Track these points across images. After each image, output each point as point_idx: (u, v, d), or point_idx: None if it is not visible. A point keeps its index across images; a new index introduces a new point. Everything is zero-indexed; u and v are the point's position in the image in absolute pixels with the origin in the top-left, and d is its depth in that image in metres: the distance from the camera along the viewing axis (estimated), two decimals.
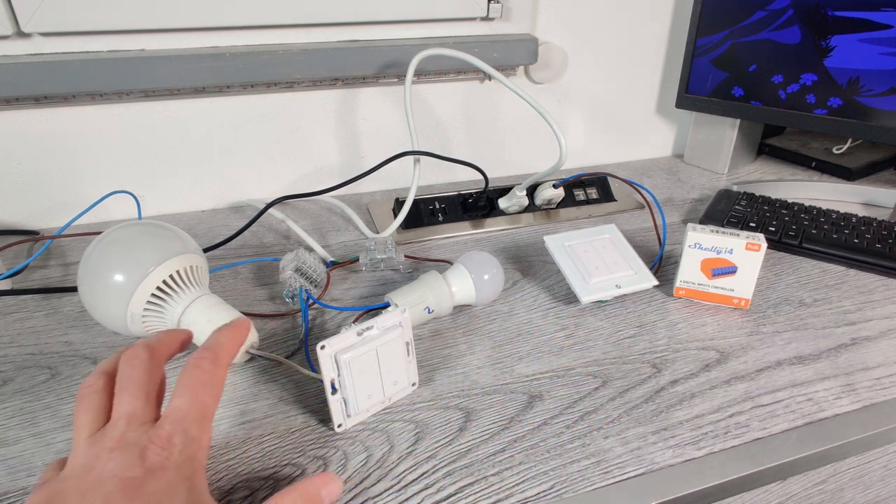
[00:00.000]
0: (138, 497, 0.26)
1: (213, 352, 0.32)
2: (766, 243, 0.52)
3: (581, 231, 0.59)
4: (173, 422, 0.29)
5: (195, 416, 0.29)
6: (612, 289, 0.54)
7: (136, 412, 0.29)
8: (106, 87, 0.63)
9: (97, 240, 0.46)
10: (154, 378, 0.31)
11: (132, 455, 0.27)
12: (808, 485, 0.52)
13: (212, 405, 0.30)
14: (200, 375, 0.30)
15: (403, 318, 0.42)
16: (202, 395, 0.30)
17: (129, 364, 0.31)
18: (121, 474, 0.26)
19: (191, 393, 0.30)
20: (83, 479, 0.26)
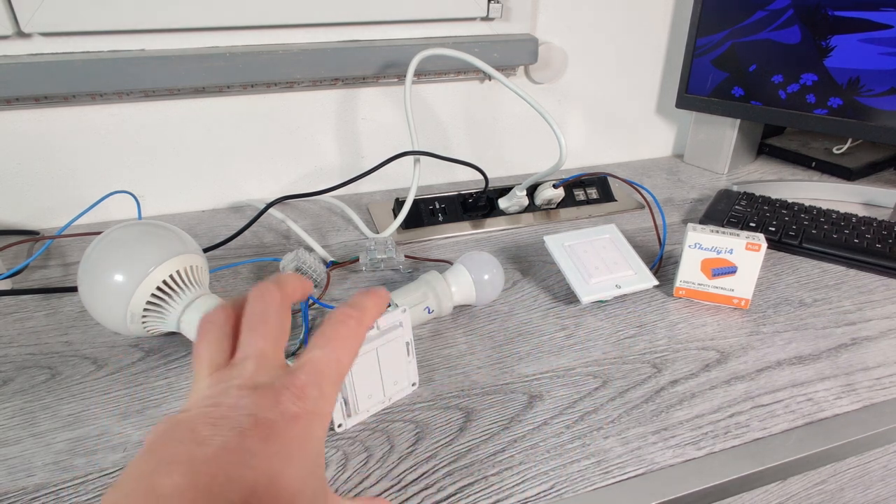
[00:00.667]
0: (274, 441, 0.23)
1: (360, 311, 0.29)
2: (766, 243, 0.52)
3: (581, 231, 0.59)
4: (309, 373, 0.26)
5: (333, 373, 0.26)
6: (612, 289, 0.54)
7: (266, 353, 0.27)
8: (106, 87, 0.63)
9: (97, 240, 0.46)
10: (284, 320, 0.28)
11: (267, 397, 0.24)
12: (808, 485, 0.52)
13: (348, 366, 0.27)
14: (345, 331, 0.27)
15: (403, 318, 0.42)
16: (342, 353, 0.27)
17: (261, 300, 0.28)
18: (256, 413, 0.23)
19: (332, 347, 0.27)
20: (213, 411, 0.24)
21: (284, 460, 0.23)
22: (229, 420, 0.23)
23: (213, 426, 0.23)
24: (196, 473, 0.21)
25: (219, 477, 0.21)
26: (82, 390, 0.45)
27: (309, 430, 0.24)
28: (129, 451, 0.40)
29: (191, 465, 0.22)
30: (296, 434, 0.24)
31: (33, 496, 0.37)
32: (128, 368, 0.48)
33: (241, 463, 0.22)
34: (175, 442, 0.23)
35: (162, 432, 0.24)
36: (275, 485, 0.22)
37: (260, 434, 0.23)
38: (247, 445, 0.22)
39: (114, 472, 0.38)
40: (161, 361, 0.48)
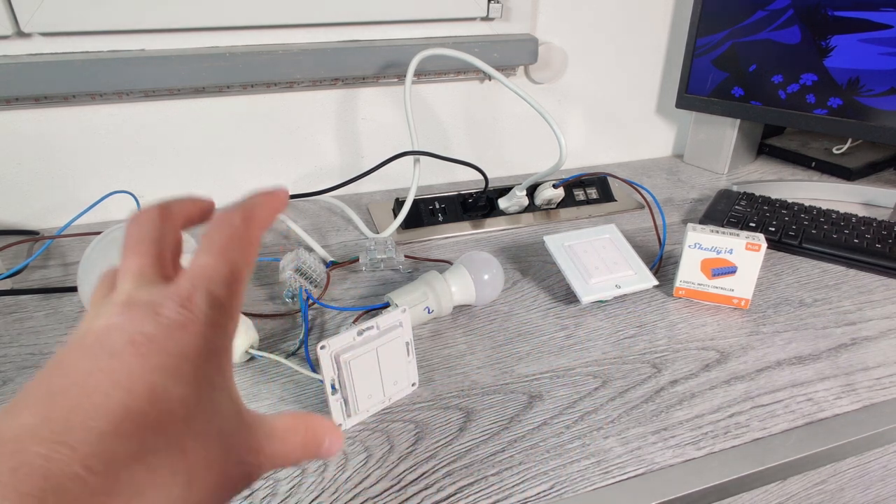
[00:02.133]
0: (153, 354, 0.19)
1: (246, 209, 0.25)
2: (766, 243, 0.52)
3: (581, 231, 0.59)
4: (194, 278, 0.22)
5: (222, 276, 0.22)
6: (611, 289, 0.54)
7: (143, 270, 0.23)
8: (106, 87, 0.63)
9: (97, 240, 0.46)
10: (166, 237, 0.25)
11: (143, 312, 0.21)
12: (808, 485, 0.52)
13: (243, 267, 0.24)
14: (230, 231, 0.24)
15: (403, 318, 0.42)
16: (231, 253, 0.23)
17: (136, 223, 0.25)
18: (130, 329, 0.20)
19: (217, 250, 0.23)
20: (81, 340, 0.20)
21: (168, 374, 0.19)
22: (100, 344, 0.20)
23: (82, 356, 0.20)
24: (49, 408, 0.18)
25: (80, 406, 0.18)
26: None
27: (201, 339, 0.21)
28: None
29: (43, 400, 0.18)
30: (182, 344, 0.20)
31: None
32: None
33: (110, 384, 0.18)
34: (35, 384, 0.19)
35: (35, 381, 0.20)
36: (157, 401, 0.19)
37: (137, 351, 0.19)
38: (115, 366, 0.19)
39: None
40: None
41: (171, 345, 0.20)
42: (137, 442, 0.18)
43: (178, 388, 0.19)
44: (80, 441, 0.17)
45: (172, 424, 0.19)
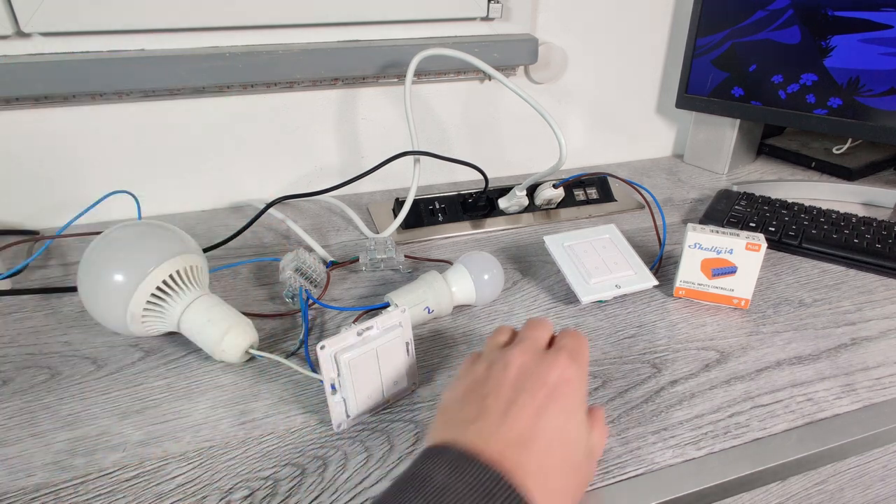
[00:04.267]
0: (561, 399, 0.32)
1: (578, 333, 0.38)
2: (766, 243, 0.52)
3: (581, 231, 0.59)
4: (569, 352, 0.35)
5: (583, 353, 0.36)
6: (611, 289, 0.54)
7: (540, 339, 0.37)
8: (106, 87, 0.63)
9: (97, 240, 0.46)
10: (549, 333, 0.39)
11: (548, 362, 0.34)
12: (808, 485, 0.52)
13: (587, 357, 0.37)
14: (582, 340, 0.37)
15: (403, 318, 0.42)
16: (582, 345, 0.37)
17: (541, 321, 0.39)
18: (542, 377, 0.33)
19: (579, 343, 0.37)
20: (509, 368, 0.34)
21: (567, 414, 0.32)
22: (527, 378, 0.33)
23: (515, 385, 0.33)
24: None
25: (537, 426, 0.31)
26: (82, 390, 0.45)
27: (578, 390, 0.33)
28: (129, 450, 0.40)
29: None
30: (570, 391, 0.33)
31: (33, 496, 0.37)
32: (128, 368, 0.48)
33: (538, 416, 0.31)
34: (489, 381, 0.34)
35: (480, 374, 0.35)
36: (567, 426, 0.32)
37: (549, 391, 0.32)
38: (541, 397, 0.32)
39: (113, 471, 0.38)
40: (161, 361, 0.48)
41: (564, 392, 0.33)
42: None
43: (571, 423, 0.32)
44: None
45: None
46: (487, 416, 0.31)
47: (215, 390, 0.45)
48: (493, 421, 0.31)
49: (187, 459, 0.39)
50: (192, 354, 0.49)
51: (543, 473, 0.29)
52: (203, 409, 0.43)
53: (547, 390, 0.32)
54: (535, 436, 0.30)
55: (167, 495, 0.37)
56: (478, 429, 0.30)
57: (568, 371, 0.34)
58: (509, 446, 0.29)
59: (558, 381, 0.33)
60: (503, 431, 0.30)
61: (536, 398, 0.32)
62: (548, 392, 0.32)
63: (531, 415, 0.31)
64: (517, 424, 0.30)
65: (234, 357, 0.46)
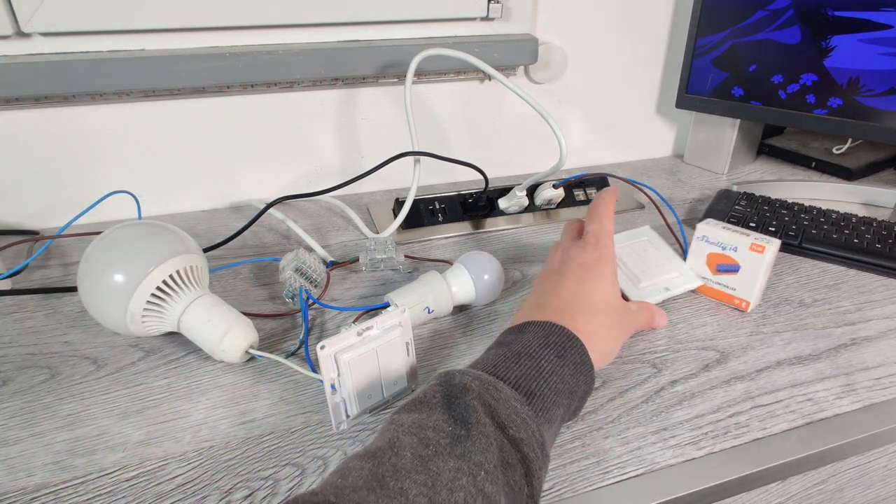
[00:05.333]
0: (589, 272, 0.45)
1: (603, 198, 0.50)
2: (774, 247, 0.51)
3: (620, 235, 0.58)
4: (593, 236, 0.47)
5: (606, 230, 0.47)
6: (661, 292, 0.54)
7: (571, 233, 0.51)
8: (106, 87, 0.63)
9: (97, 240, 0.46)
10: (611, 214, 0.49)
11: (578, 250, 0.46)
12: (808, 485, 0.52)
13: (611, 228, 0.48)
14: (599, 209, 0.49)
15: (403, 318, 0.42)
16: (603, 220, 0.48)
17: (598, 202, 0.50)
18: (576, 259, 0.46)
19: (600, 221, 0.48)
20: (554, 259, 0.49)
21: (599, 280, 0.44)
22: (565, 263, 0.46)
23: (558, 270, 0.46)
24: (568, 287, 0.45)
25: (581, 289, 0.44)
26: (82, 390, 0.45)
27: (604, 264, 0.45)
28: (129, 450, 0.40)
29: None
30: (599, 267, 0.45)
31: (33, 496, 0.37)
32: (128, 368, 0.48)
33: (581, 283, 0.44)
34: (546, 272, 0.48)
35: (547, 268, 0.48)
36: (598, 294, 0.44)
37: (582, 270, 0.45)
38: (580, 274, 0.45)
39: (113, 471, 0.38)
40: (161, 361, 0.48)
41: (597, 268, 0.45)
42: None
43: (603, 286, 0.45)
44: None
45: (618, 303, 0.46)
46: (544, 295, 0.45)
47: (215, 390, 0.45)
48: (549, 297, 0.44)
49: (187, 459, 0.39)
50: (192, 354, 0.49)
51: (586, 327, 0.41)
52: (203, 409, 0.43)
53: (579, 269, 0.45)
54: (577, 301, 0.43)
55: (167, 495, 0.37)
56: (539, 306, 0.44)
57: (595, 252, 0.45)
58: (560, 310, 0.42)
59: (589, 261, 0.45)
60: (555, 301, 0.43)
61: (575, 275, 0.45)
62: (579, 270, 0.45)
63: (573, 287, 0.44)
64: (563, 295, 0.44)
65: (234, 357, 0.46)
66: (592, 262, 0.45)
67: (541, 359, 0.37)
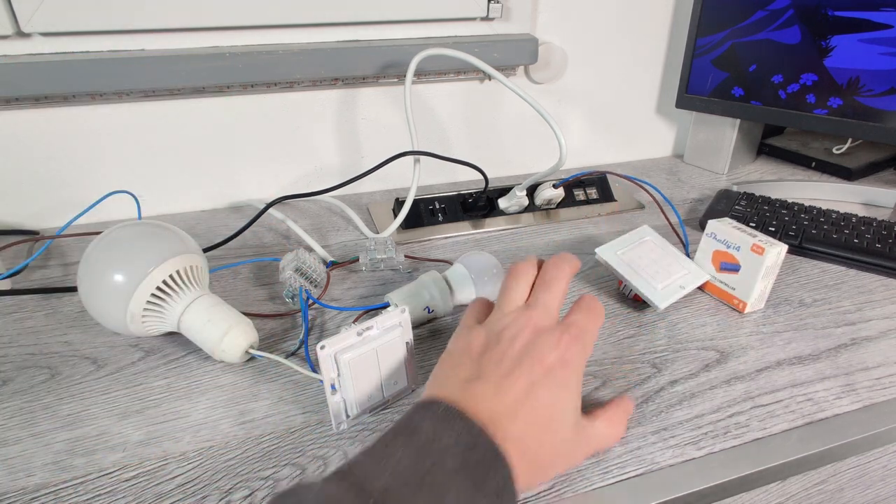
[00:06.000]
0: (552, 380, 0.34)
1: (595, 304, 0.39)
2: (776, 250, 0.51)
3: (622, 238, 0.58)
4: (577, 330, 0.36)
5: (589, 337, 0.37)
6: (678, 290, 0.54)
7: (551, 306, 0.37)
8: (106, 87, 0.63)
9: (97, 240, 0.46)
10: (566, 288, 0.39)
11: (549, 342, 0.35)
12: (808, 485, 0.52)
13: (595, 336, 0.38)
14: (592, 305, 0.39)
15: (403, 318, 0.42)
16: (594, 322, 0.38)
17: (557, 268, 0.39)
18: (540, 355, 0.34)
19: (587, 316, 0.37)
20: (515, 340, 0.35)
21: (563, 390, 0.34)
22: (527, 355, 0.34)
23: (516, 358, 0.34)
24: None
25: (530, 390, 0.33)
26: (82, 390, 0.45)
27: (575, 372, 0.35)
28: (129, 450, 0.40)
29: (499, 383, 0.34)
30: (568, 375, 0.35)
31: (33, 496, 0.37)
32: (128, 368, 0.48)
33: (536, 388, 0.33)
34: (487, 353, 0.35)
35: (480, 343, 0.36)
36: (555, 409, 0.34)
37: (547, 371, 0.34)
38: (537, 375, 0.34)
39: (113, 471, 0.38)
40: (161, 361, 0.48)
41: (561, 373, 0.35)
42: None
43: (564, 396, 0.35)
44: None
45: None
46: (485, 381, 0.34)
47: (215, 390, 0.45)
48: (489, 388, 0.33)
49: (187, 459, 0.39)
50: (192, 354, 0.49)
51: (524, 442, 0.32)
52: (203, 409, 0.43)
53: (543, 369, 0.34)
54: (524, 408, 0.33)
55: (167, 495, 0.37)
56: (473, 390, 0.33)
57: (569, 353, 0.35)
58: (497, 412, 0.32)
59: (556, 363, 0.34)
60: (495, 399, 0.33)
61: (532, 374, 0.34)
62: (544, 371, 0.34)
63: (523, 388, 0.33)
64: (509, 395, 0.33)
65: (234, 357, 0.46)
66: (560, 366, 0.34)
67: (447, 490, 0.28)
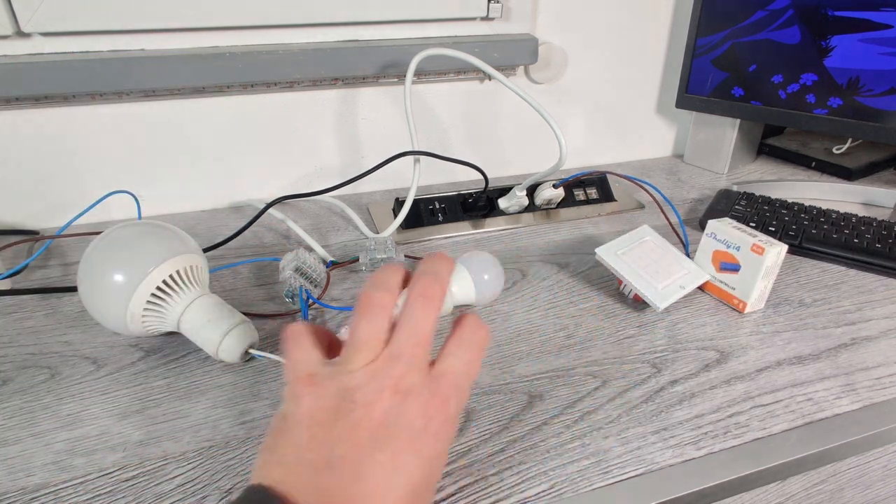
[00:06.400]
0: (422, 454, 0.27)
1: (478, 333, 0.32)
2: (776, 250, 0.51)
3: (623, 238, 0.58)
4: (450, 385, 0.29)
5: (467, 382, 0.30)
6: (678, 290, 0.54)
7: (417, 359, 0.29)
8: (106, 87, 0.63)
9: (97, 240, 0.46)
10: (434, 327, 0.31)
11: (416, 407, 0.28)
12: (808, 485, 0.52)
13: (476, 372, 0.31)
14: (473, 337, 0.31)
15: None
16: (474, 359, 0.31)
17: (423, 303, 0.30)
18: (407, 426, 0.27)
19: (466, 354, 0.30)
20: (373, 408, 0.27)
21: (435, 461, 0.28)
22: (388, 431, 0.27)
23: (372, 436, 0.27)
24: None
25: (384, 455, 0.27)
26: (82, 390, 0.45)
27: (447, 438, 0.29)
28: (129, 450, 0.40)
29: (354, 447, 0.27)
30: (439, 448, 0.28)
31: (33, 496, 0.37)
32: (127, 368, 0.48)
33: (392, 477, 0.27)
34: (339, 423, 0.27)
35: (328, 408, 0.28)
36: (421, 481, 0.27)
37: (413, 449, 0.27)
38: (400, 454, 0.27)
39: (113, 471, 0.38)
40: (161, 361, 0.48)
41: (432, 447, 0.28)
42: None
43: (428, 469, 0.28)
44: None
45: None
46: (340, 467, 0.26)
47: (215, 390, 0.45)
48: (345, 479, 0.26)
49: (187, 459, 0.39)
50: (192, 354, 0.49)
51: None
52: (203, 409, 0.43)
53: (409, 443, 0.27)
54: (387, 499, 0.26)
55: (167, 495, 0.37)
56: (323, 484, 0.26)
57: (439, 416, 0.28)
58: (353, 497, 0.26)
59: (423, 431, 0.28)
60: (350, 491, 0.26)
61: (395, 454, 0.27)
62: (409, 446, 0.27)
63: (388, 474, 0.26)
64: (367, 486, 0.26)
65: (234, 357, 0.46)
66: (431, 434, 0.28)
67: None
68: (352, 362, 0.29)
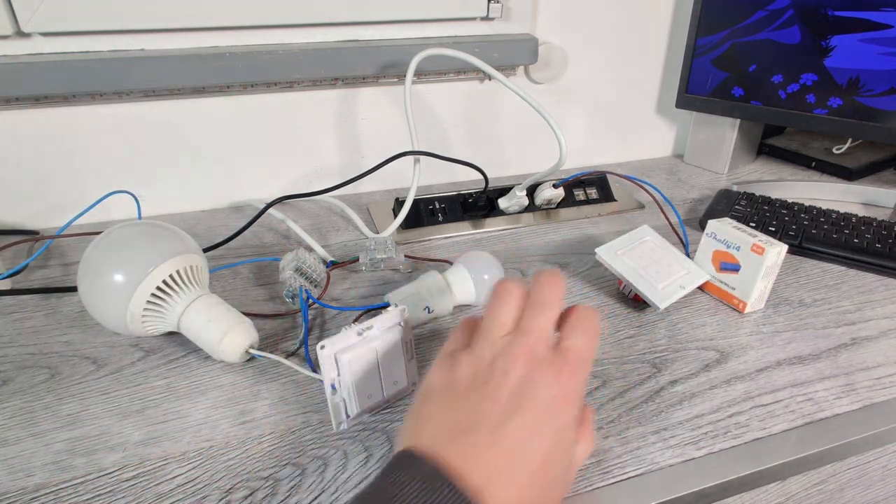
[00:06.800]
0: (554, 422, 0.30)
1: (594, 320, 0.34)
2: (776, 250, 0.51)
3: (623, 238, 0.58)
4: (576, 359, 0.32)
5: (590, 358, 0.33)
6: (678, 290, 0.54)
7: (546, 330, 0.32)
8: (106, 87, 0.63)
9: (97, 240, 0.46)
10: (560, 308, 0.34)
11: (549, 374, 0.31)
12: (808, 485, 0.52)
13: (593, 359, 0.34)
14: (589, 322, 0.34)
15: (403, 318, 0.42)
16: (593, 339, 0.33)
17: (551, 286, 0.34)
18: (543, 391, 0.30)
19: (585, 335, 0.33)
20: (509, 374, 0.30)
21: (564, 431, 0.30)
22: (527, 393, 0.30)
23: (511, 396, 0.30)
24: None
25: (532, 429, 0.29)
26: (82, 390, 0.45)
27: (575, 402, 0.31)
28: (129, 450, 0.40)
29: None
30: (572, 413, 0.31)
31: (33, 496, 0.37)
32: (128, 368, 0.48)
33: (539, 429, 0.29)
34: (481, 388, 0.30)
35: (468, 374, 0.31)
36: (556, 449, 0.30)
37: (550, 412, 0.30)
38: (540, 415, 0.29)
39: (113, 471, 0.38)
40: (161, 361, 0.48)
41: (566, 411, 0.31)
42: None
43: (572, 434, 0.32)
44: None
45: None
46: (476, 431, 0.28)
47: (215, 390, 0.45)
48: (482, 439, 0.28)
49: (187, 459, 0.39)
50: (192, 354, 0.49)
51: (523, 486, 0.28)
52: (203, 409, 0.43)
53: (543, 410, 0.30)
54: (520, 463, 0.28)
55: (167, 495, 0.37)
56: (462, 444, 0.28)
57: (570, 384, 0.31)
58: (491, 473, 0.27)
59: (556, 398, 0.30)
60: (488, 454, 0.28)
61: (531, 418, 0.29)
62: (543, 413, 0.29)
63: (521, 439, 0.28)
64: (503, 448, 0.28)
65: (234, 357, 0.46)
66: (561, 404, 0.30)
67: None
68: (488, 336, 0.33)
